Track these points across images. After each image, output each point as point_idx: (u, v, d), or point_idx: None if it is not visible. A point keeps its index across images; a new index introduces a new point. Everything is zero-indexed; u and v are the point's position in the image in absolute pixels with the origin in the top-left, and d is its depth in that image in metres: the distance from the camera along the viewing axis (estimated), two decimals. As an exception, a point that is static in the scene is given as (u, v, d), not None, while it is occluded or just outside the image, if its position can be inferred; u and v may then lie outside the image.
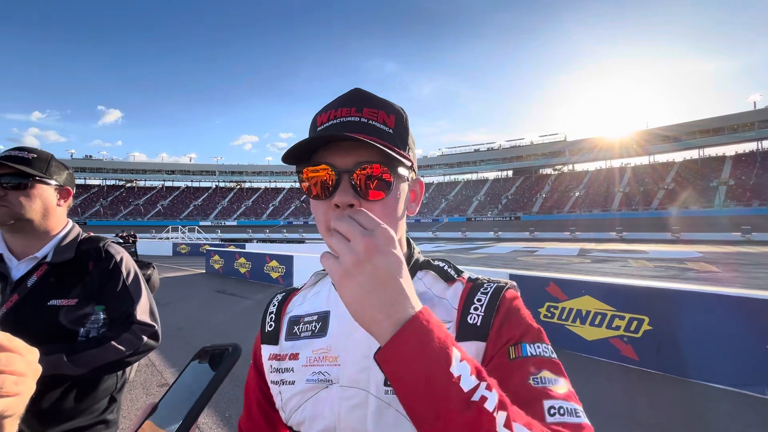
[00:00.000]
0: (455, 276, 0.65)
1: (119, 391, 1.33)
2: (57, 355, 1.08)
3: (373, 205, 0.54)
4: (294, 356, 0.64)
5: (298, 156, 0.55)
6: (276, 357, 0.67)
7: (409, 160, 0.58)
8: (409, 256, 0.67)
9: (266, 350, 0.69)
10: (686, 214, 44.70)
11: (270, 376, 0.67)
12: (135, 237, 18.66)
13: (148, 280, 1.62)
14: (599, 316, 4.60)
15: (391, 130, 0.57)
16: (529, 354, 0.52)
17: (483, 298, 0.58)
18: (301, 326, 0.67)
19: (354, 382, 0.57)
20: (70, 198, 1.30)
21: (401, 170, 0.56)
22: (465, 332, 0.56)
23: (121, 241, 16.22)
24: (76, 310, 1.19)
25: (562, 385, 0.49)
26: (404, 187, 0.59)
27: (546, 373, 0.50)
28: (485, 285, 0.61)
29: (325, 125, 0.56)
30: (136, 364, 1.37)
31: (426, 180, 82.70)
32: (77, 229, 1.35)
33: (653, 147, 61.32)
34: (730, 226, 36.01)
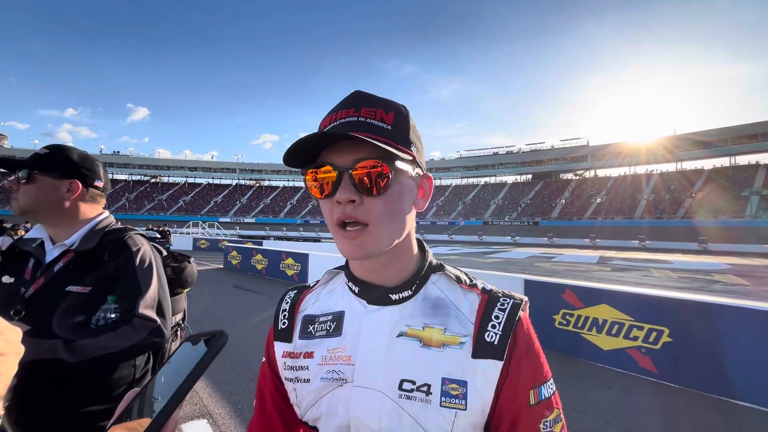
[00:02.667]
0: (470, 282, 0.65)
1: (138, 380, 1.34)
2: (55, 340, 1.09)
3: (374, 201, 0.55)
4: (309, 354, 0.65)
5: (302, 159, 0.57)
6: (290, 355, 0.67)
7: (411, 155, 0.59)
8: (422, 259, 0.66)
9: (279, 347, 0.70)
10: (715, 224, 42.84)
11: (284, 373, 0.68)
12: (169, 232, 19.40)
13: (181, 272, 1.66)
14: (616, 326, 4.48)
15: (389, 127, 0.57)
16: (544, 397, 0.57)
17: (501, 316, 0.59)
18: (316, 326, 0.67)
19: (368, 383, 0.58)
20: (81, 190, 1.31)
21: (401, 165, 0.57)
22: (482, 349, 0.57)
23: (158, 236, 16.62)
24: (90, 298, 1.23)
25: (560, 421, 0.57)
26: (407, 182, 0.59)
27: (553, 414, 0.57)
28: (501, 300, 0.61)
29: (326, 128, 0.58)
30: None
31: (443, 182, 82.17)
32: (109, 220, 1.39)
33: (681, 153, 59.09)
34: (762, 237, 34.31)
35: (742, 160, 55.63)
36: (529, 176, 75.63)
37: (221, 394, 3.64)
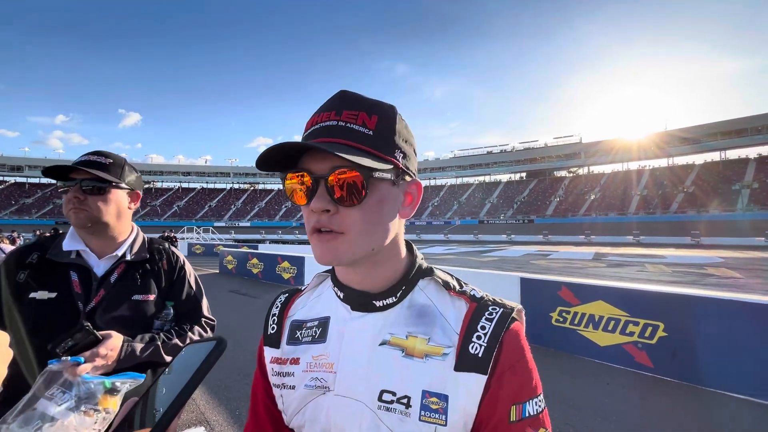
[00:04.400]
0: (459, 289, 0.62)
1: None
2: (155, 343, 1.20)
3: (350, 211, 0.53)
4: (295, 361, 0.64)
5: (284, 162, 0.55)
6: (278, 360, 0.66)
7: (393, 162, 0.56)
8: (411, 262, 0.64)
9: (268, 353, 0.69)
10: (707, 218, 43.40)
11: (272, 379, 0.67)
12: (175, 239, 19.27)
13: None
14: (612, 322, 4.51)
15: (370, 132, 0.54)
16: (528, 414, 0.52)
17: (487, 326, 0.55)
18: (303, 331, 0.66)
19: (349, 392, 0.57)
20: (139, 200, 1.38)
21: (380, 174, 0.54)
22: (465, 362, 0.53)
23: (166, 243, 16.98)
24: (153, 304, 1.30)
25: None
26: (389, 190, 0.56)
27: None
28: (490, 308, 0.57)
29: (308, 131, 0.56)
30: None
31: (438, 182, 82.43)
32: (141, 231, 1.44)
33: (672, 149, 59.77)
34: (753, 230, 34.80)
35: (732, 154, 56.49)
36: (523, 174, 76.09)
37: (218, 400, 3.61)
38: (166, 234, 18.69)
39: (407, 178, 0.59)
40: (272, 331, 0.70)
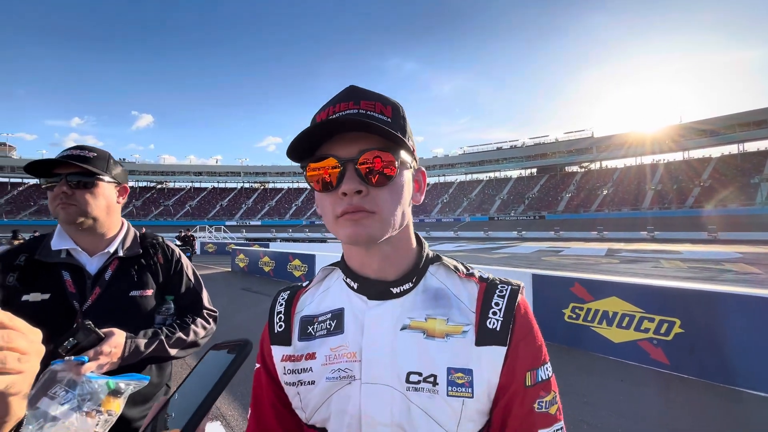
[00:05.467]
0: (467, 271, 0.65)
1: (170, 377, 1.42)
2: (158, 338, 1.19)
3: (380, 191, 0.55)
4: (311, 356, 0.64)
5: (301, 153, 0.57)
6: (290, 358, 0.66)
7: (410, 147, 0.59)
8: (420, 252, 0.66)
9: (278, 351, 0.68)
10: (724, 212, 42.26)
11: (284, 378, 0.66)
12: (193, 237, 19.11)
13: None
14: (627, 318, 4.45)
15: (389, 119, 0.57)
16: (541, 379, 0.58)
17: (500, 302, 0.60)
18: (315, 326, 0.66)
19: (377, 378, 0.58)
20: (127, 194, 1.36)
21: (404, 155, 0.58)
22: (485, 337, 0.58)
23: (180, 243, 16.62)
24: (152, 299, 1.29)
25: (555, 403, 0.58)
26: (408, 174, 0.60)
27: (549, 396, 0.58)
28: (500, 287, 0.62)
29: (324, 121, 0.56)
30: None
31: (448, 179, 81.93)
32: (132, 226, 1.41)
33: (688, 142, 58.29)
34: (773, 225, 33.79)
35: (751, 147, 54.77)
36: (534, 170, 75.10)
37: (234, 396, 3.67)
38: (183, 233, 18.78)
39: (416, 165, 0.63)
40: (280, 329, 0.69)
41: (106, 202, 1.24)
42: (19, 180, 72.60)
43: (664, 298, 4.28)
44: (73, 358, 0.92)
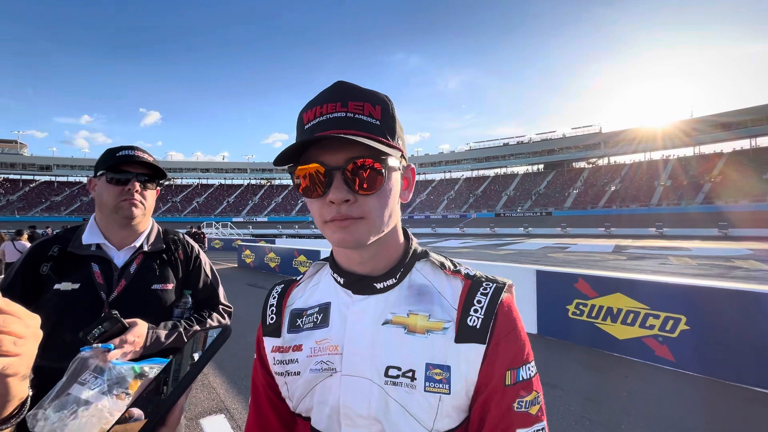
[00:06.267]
0: (453, 268, 0.65)
1: None
2: (177, 330, 1.25)
3: (367, 198, 0.55)
4: (297, 348, 0.66)
5: (289, 157, 0.56)
6: (279, 349, 0.68)
7: (399, 149, 0.59)
8: (407, 247, 0.67)
9: (269, 342, 0.70)
10: (736, 208, 41.53)
11: (274, 368, 0.68)
12: (203, 235, 18.93)
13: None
14: (632, 315, 4.41)
15: (378, 122, 0.57)
16: (522, 378, 0.57)
17: (483, 300, 0.59)
18: (304, 319, 0.68)
19: (356, 371, 0.59)
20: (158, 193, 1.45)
21: (392, 161, 0.57)
22: (465, 334, 0.57)
23: (190, 239, 16.73)
24: (172, 293, 1.35)
25: (537, 404, 0.57)
26: (396, 176, 0.60)
27: (530, 396, 0.56)
28: (484, 284, 0.62)
29: (312, 123, 0.56)
30: None
31: (454, 175, 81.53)
32: (156, 222, 1.48)
33: (700, 136, 57.19)
34: (786, 221, 33.14)
35: (763, 141, 53.61)
36: (541, 166, 74.39)
37: (238, 389, 3.72)
38: (193, 230, 18.83)
39: (404, 163, 0.63)
40: (272, 321, 0.71)
41: (154, 202, 1.37)
42: (31, 177, 73.77)
43: (669, 295, 4.23)
44: (100, 345, 0.98)
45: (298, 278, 0.77)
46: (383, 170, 0.55)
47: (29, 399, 0.50)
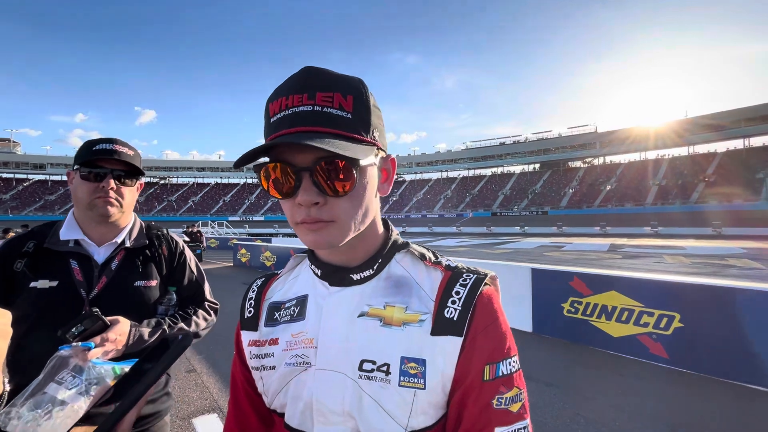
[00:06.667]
0: (434, 260, 0.63)
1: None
2: (161, 327, 1.20)
3: (338, 201, 0.52)
4: (273, 341, 0.64)
5: (253, 155, 0.51)
6: (255, 343, 0.66)
7: (373, 143, 0.55)
8: (386, 238, 0.64)
9: (246, 336, 0.68)
10: (729, 207, 41.90)
11: (251, 362, 0.67)
12: (200, 233, 17.92)
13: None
14: (626, 312, 4.43)
15: (349, 115, 0.52)
16: (501, 374, 0.53)
17: (461, 291, 0.57)
18: (281, 312, 0.66)
19: (330, 365, 0.57)
20: (142, 188, 1.39)
21: (366, 159, 0.52)
22: (441, 326, 0.55)
23: (187, 239, 16.04)
24: (156, 290, 1.30)
25: (519, 401, 0.53)
26: (372, 172, 0.56)
27: (510, 392, 0.53)
28: (464, 275, 0.59)
29: (277, 116, 0.52)
30: None
31: (450, 174, 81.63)
32: (138, 217, 1.43)
33: (693, 137, 57.64)
34: (778, 220, 33.48)
35: (757, 141, 54.13)
36: (537, 165, 74.66)
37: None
38: (190, 229, 18.46)
39: (382, 155, 0.59)
40: (249, 315, 0.70)
41: (133, 198, 1.30)
42: (24, 176, 73.05)
43: (663, 292, 4.25)
44: (80, 344, 0.94)
45: (279, 272, 0.75)
46: (354, 170, 0.51)
47: (5, 395, 0.48)
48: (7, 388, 0.47)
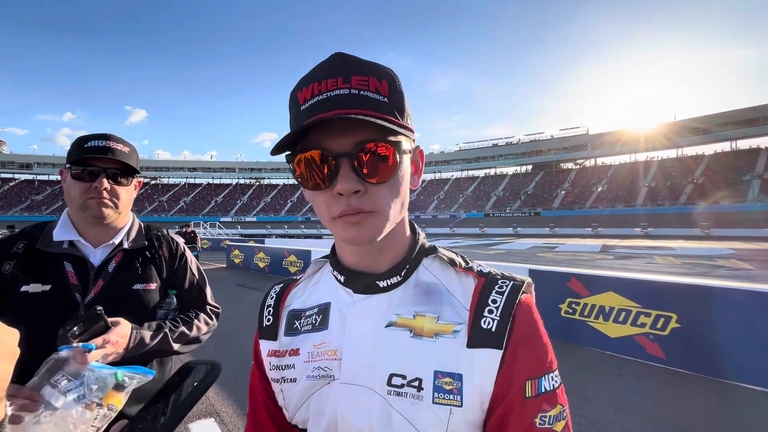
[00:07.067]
0: (465, 265, 0.59)
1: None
2: (163, 331, 1.15)
3: (379, 188, 0.49)
4: (294, 352, 0.60)
5: (286, 145, 0.49)
6: (275, 353, 0.62)
7: (410, 129, 0.52)
8: (413, 242, 0.60)
9: (265, 346, 0.65)
10: (717, 209, 42.70)
11: (270, 374, 0.63)
12: (195, 234, 17.89)
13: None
14: (623, 313, 4.45)
15: (386, 99, 0.50)
16: (544, 390, 0.50)
17: (498, 300, 0.53)
18: (302, 320, 0.62)
19: (355, 379, 0.53)
20: (140, 186, 1.33)
21: (405, 144, 0.51)
22: (478, 338, 0.51)
23: (182, 240, 15.75)
24: (155, 294, 1.25)
25: (562, 419, 0.50)
26: (407, 159, 0.54)
27: (554, 410, 0.49)
28: (500, 282, 0.55)
29: (309, 103, 0.49)
30: None
31: (443, 176, 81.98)
32: (137, 218, 1.37)
33: (682, 140, 58.70)
34: (765, 221, 34.15)
35: (743, 144, 55.32)
36: (529, 167, 75.35)
37: (228, 392, 3.63)
38: (185, 230, 17.99)
39: (413, 145, 0.56)
40: (268, 323, 0.66)
41: (131, 198, 1.24)
42: (10, 175, 71.58)
43: (660, 293, 4.28)
44: (81, 344, 0.89)
45: (298, 277, 0.71)
46: (396, 155, 0.49)
47: (6, 420, 0.43)
48: (9, 412, 0.43)
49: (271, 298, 0.69)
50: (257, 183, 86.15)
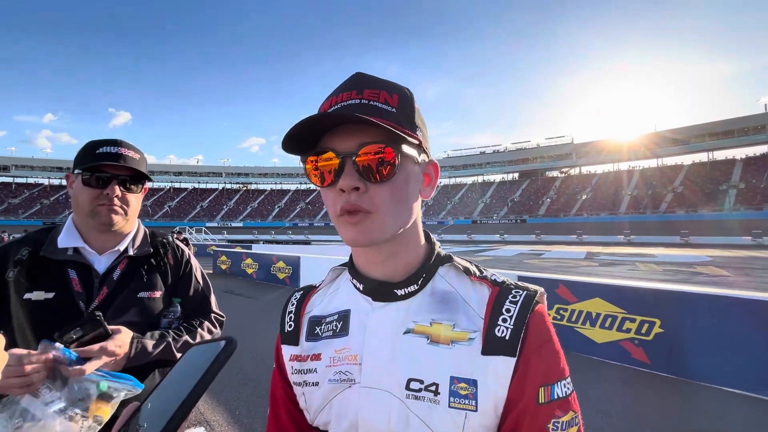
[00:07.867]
0: (479, 274, 0.61)
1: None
2: (166, 340, 1.14)
3: (379, 188, 0.53)
4: (316, 357, 0.63)
5: (303, 147, 0.55)
6: (297, 358, 0.65)
7: (417, 139, 0.56)
8: (430, 250, 0.63)
9: (287, 351, 0.68)
10: (695, 217, 44.15)
11: (292, 378, 0.66)
12: (186, 240, 16.84)
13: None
14: (609, 319, 4.56)
15: (394, 110, 0.55)
16: (557, 396, 0.52)
17: (512, 309, 0.55)
18: (322, 326, 0.65)
19: (375, 383, 0.56)
20: (146, 192, 1.31)
21: (408, 150, 0.54)
22: (492, 346, 0.53)
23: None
24: (160, 302, 1.23)
25: (575, 425, 0.52)
26: (414, 168, 0.57)
27: (567, 416, 0.51)
28: (513, 291, 0.57)
29: (328, 111, 0.55)
30: None
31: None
32: (142, 224, 1.36)
33: (662, 150, 60.67)
34: (740, 230, 35.44)
35: (720, 155, 57.50)
36: (516, 174, 76.62)
37: (218, 400, 3.57)
38: (176, 236, 17.18)
39: (425, 158, 0.60)
40: (290, 329, 0.69)
41: (139, 204, 1.23)
42: (-14, 178, 69.18)
43: (645, 299, 4.41)
44: (64, 352, 0.86)
45: (317, 284, 0.74)
46: (397, 158, 0.52)
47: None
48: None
49: (292, 305, 0.71)
50: (244, 188, 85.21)
